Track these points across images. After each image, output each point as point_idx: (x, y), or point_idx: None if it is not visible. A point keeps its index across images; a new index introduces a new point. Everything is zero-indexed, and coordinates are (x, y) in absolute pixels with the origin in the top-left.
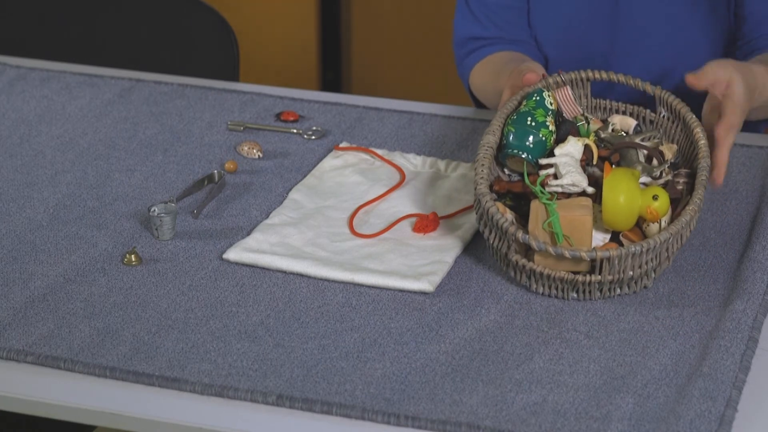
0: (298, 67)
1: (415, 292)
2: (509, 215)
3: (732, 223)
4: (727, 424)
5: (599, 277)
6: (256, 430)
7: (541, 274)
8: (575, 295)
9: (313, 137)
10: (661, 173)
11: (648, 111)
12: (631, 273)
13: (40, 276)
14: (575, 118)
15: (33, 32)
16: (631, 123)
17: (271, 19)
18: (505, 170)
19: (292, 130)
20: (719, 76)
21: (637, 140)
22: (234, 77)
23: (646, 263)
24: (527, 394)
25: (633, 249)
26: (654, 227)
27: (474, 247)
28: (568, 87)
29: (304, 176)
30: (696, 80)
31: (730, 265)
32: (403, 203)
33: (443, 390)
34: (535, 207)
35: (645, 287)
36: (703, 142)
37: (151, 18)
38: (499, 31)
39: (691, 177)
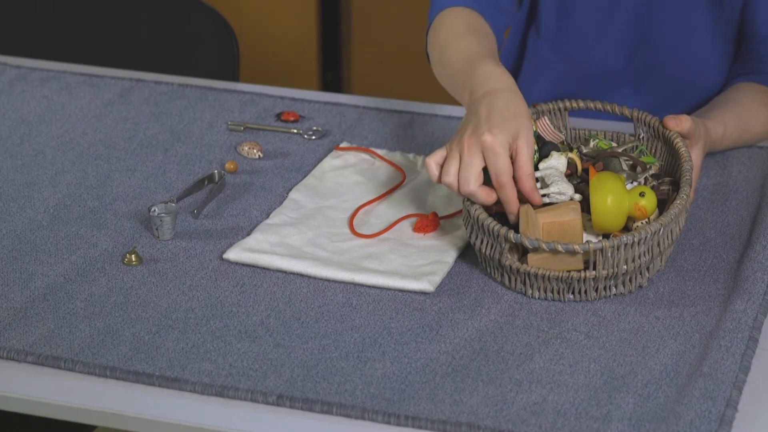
0: (298, 67)
1: (415, 292)
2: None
3: (732, 223)
4: (727, 424)
5: (594, 272)
6: (256, 430)
7: (536, 276)
8: (571, 296)
9: (313, 137)
10: (645, 180)
11: (627, 135)
12: (625, 267)
13: (40, 276)
14: (555, 145)
15: (33, 32)
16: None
17: (271, 19)
18: None
19: (292, 130)
20: (692, 133)
21: (620, 150)
22: (234, 77)
23: (639, 257)
24: (527, 394)
25: (625, 240)
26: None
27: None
28: (546, 117)
29: (305, 176)
30: (674, 123)
31: (731, 265)
32: (403, 203)
33: (443, 390)
34: (525, 211)
35: (640, 286)
36: (684, 149)
37: (151, 18)
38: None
39: (675, 184)
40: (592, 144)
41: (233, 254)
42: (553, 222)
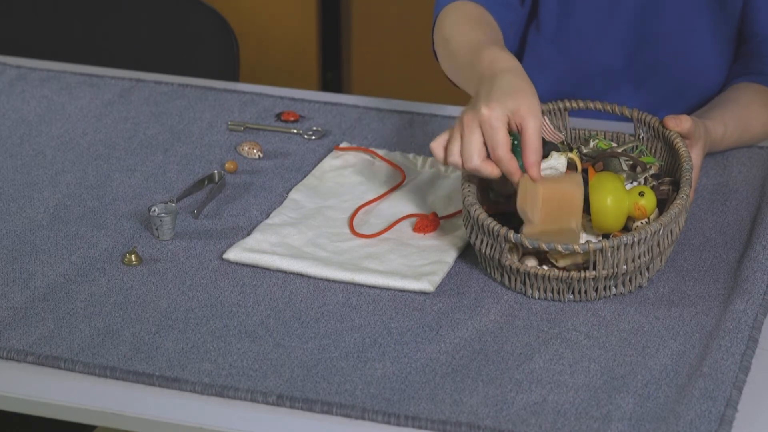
0: (298, 67)
1: (415, 292)
2: None
3: (732, 223)
4: (727, 424)
5: (594, 272)
6: (256, 430)
7: (536, 276)
8: (571, 296)
9: (313, 137)
10: (645, 180)
11: (627, 135)
12: (625, 267)
13: (40, 276)
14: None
15: (33, 32)
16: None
17: (271, 19)
18: (490, 194)
19: (292, 130)
20: (692, 133)
21: (620, 150)
22: (234, 77)
23: (639, 257)
24: (527, 394)
25: (625, 239)
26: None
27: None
28: (546, 117)
29: (305, 176)
30: (674, 123)
31: (730, 265)
32: (403, 203)
33: (443, 390)
34: (524, 182)
35: (640, 286)
36: (684, 149)
37: (151, 18)
38: None
39: (675, 184)
40: (592, 144)
41: (233, 254)
42: (551, 188)
